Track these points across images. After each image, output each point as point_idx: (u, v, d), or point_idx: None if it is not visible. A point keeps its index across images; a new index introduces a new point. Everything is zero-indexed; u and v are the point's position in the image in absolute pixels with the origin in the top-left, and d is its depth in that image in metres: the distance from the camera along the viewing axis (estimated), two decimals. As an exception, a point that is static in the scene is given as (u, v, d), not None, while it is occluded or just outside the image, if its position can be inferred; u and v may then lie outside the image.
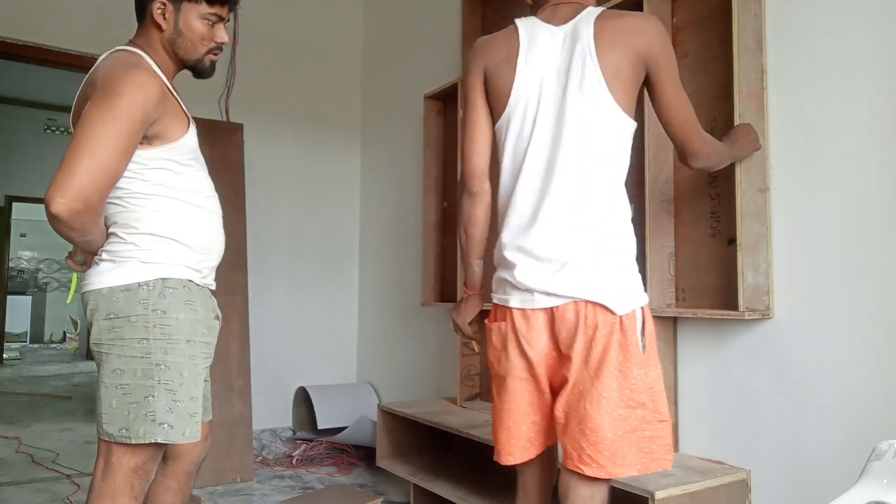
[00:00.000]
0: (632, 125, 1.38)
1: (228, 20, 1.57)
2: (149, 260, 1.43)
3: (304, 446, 3.58)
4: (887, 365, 1.62)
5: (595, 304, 1.32)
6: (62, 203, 1.28)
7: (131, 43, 1.53)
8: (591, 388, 1.30)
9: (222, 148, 3.63)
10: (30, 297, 10.65)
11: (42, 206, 1.40)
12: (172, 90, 1.54)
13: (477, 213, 1.52)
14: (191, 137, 1.55)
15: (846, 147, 1.72)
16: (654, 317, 1.60)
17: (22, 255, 11.05)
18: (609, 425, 1.29)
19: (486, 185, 1.52)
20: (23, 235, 10.87)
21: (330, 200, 4.06)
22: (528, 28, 1.42)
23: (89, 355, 8.42)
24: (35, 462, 3.50)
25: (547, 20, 1.42)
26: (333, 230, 4.08)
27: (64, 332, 10.83)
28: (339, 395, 3.68)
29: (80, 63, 3.42)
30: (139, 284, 1.41)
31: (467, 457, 2.91)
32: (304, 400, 3.73)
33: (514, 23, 1.46)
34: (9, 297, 8.47)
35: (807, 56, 1.83)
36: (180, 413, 1.43)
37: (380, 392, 3.81)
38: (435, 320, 3.43)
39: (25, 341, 10.40)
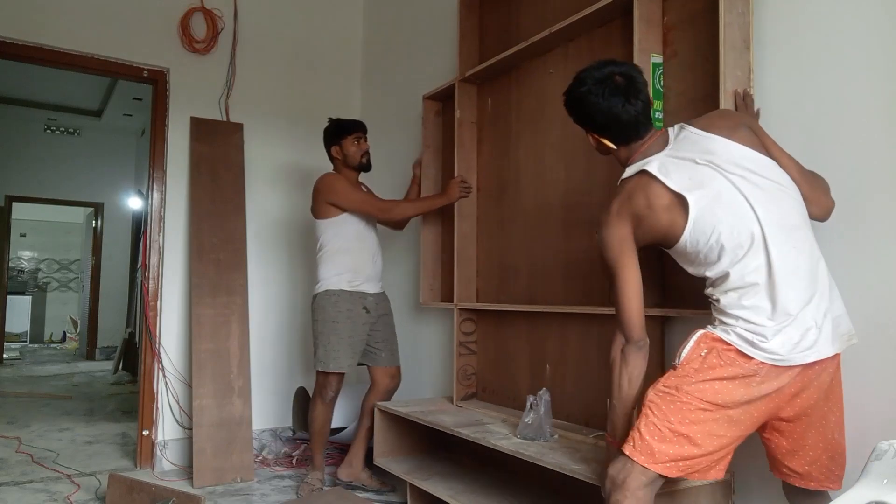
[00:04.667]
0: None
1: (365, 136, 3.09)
2: None
3: (304, 446, 3.58)
4: (887, 365, 1.62)
5: None
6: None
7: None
8: None
9: (222, 147, 3.63)
10: (30, 297, 10.65)
11: (42, 205, 1.42)
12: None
13: (644, 365, 1.63)
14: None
15: (834, 145, 1.72)
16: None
17: (22, 255, 11.05)
18: None
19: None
20: (23, 235, 10.87)
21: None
22: (659, 166, 1.56)
23: (89, 355, 8.44)
24: (35, 462, 3.50)
25: (654, 154, 1.61)
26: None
27: (64, 332, 10.82)
28: (339, 395, 3.67)
29: (80, 63, 3.43)
30: None
31: (463, 455, 2.91)
32: (304, 400, 3.73)
33: (641, 172, 1.59)
34: (9, 297, 8.47)
35: (793, 54, 1.83)
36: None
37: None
38: (433, 320, 3.43)
39: (25, 341, 10.40)
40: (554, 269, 2.62)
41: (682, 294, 2.01)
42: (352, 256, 2.96)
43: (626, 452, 1.48)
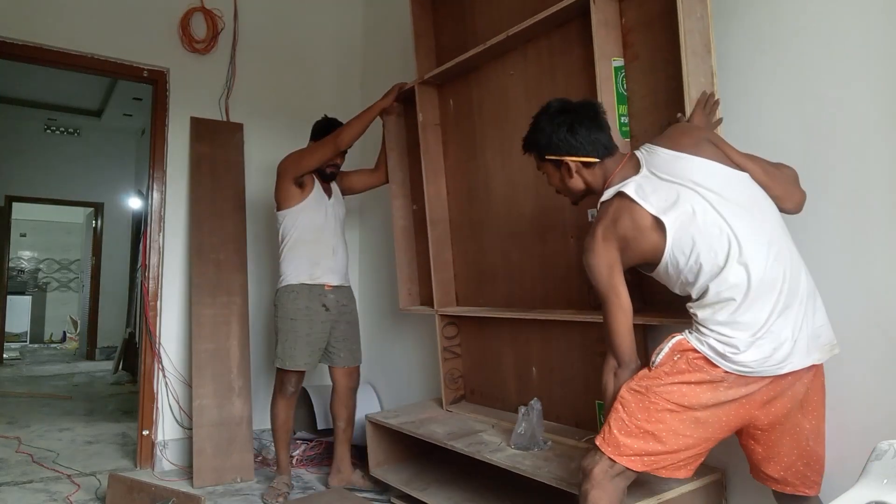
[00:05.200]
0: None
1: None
2: None
3: (304, 446, 3.58)
4: (887, 365, 1.62)
5: None
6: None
7: None
8: None
9: (222, 147, 3.63)
10: (30, 297, 10.63)
11: (42, 205, 1.42)
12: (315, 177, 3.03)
13: None
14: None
15: (829, 145, 1.72)
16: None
17: (22, 255, 11.05)
18: None
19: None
20: (23, 235, 10.87)
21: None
22: (636, 188, 1.58)
23: (89, 355, 8.43)
24: (35, 462, 3.50)
25: (630, 177, 1.63)
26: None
27: (64, 332, 10.82)
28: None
29: (80, 63, 3.43)
30: None
31: (459, 457, 2.89)
32: (304, 400, 3.73)
33: (619, 194, 1.60)
34: (9, 297, 8.46)
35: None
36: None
37: (379, 392, 3.80)
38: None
39: (25, 341, 10.39)
40: (532, 272, 2.61)
41: (662, 301, 1.99)
42: (310, 247, 2.95)
43: (597, 444, 1.57)
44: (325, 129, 3.07)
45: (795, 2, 1.85)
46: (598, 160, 1.70)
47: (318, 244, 2.97)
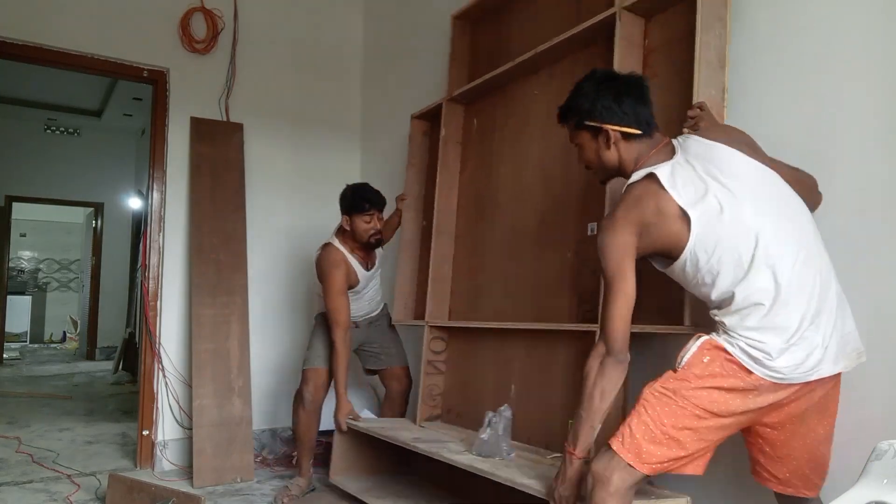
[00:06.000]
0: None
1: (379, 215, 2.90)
2: None
3: (304, 446, 3.57)
4: (887, 365, 1.62)
5: None
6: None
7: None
8: None
9: (222, 147, 3.64)
10: (30, 297, 10.64)
11: (42, 205, 1.43)
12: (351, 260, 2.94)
13: (620, 380, 1.57)
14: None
15: (833, 146, 1.72)
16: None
17: (22, 255, 11.06)
18: None
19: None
20: (23, 235, 10.87)
21: (329, 200, 4.04)
22: (665, 175, 1.51)
23: (89, 355, 8.44)
24: (35, 462, 3.50)
25: (664, 161, 1.56)
26: (333, 230, 4.07)
27: (64, 332, 10.82)
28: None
29: (80, 63, 3.43)
30: None
31: (424, 478, 2.84)
32: (304, 400, 3.72)
33: (650, 176, 1.53)
34: (9, 297, 8.47)
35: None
36: None
37: (380, 394, 3.79)
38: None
39: (25, 341, 10.40)
40: (526, 286, 2.59)
41: (653, 310, 1.91)
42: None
43: (613, 448, 1.45)
44: (350, 205, 2.94)
45: (795, 2, 1.85)
46: (640, 132, 1.61)
47: (354, 303, 3.00)
